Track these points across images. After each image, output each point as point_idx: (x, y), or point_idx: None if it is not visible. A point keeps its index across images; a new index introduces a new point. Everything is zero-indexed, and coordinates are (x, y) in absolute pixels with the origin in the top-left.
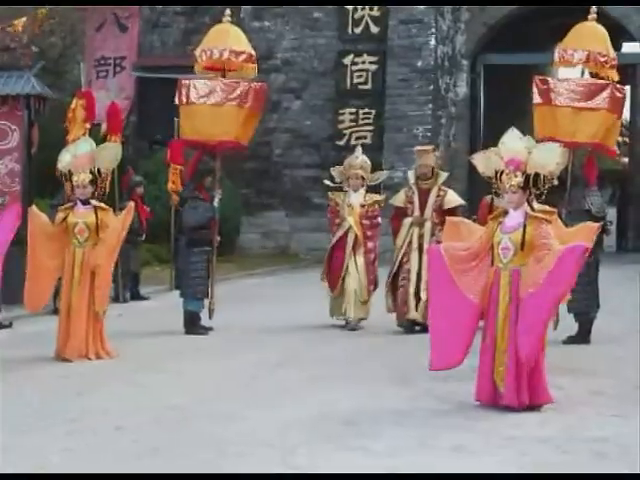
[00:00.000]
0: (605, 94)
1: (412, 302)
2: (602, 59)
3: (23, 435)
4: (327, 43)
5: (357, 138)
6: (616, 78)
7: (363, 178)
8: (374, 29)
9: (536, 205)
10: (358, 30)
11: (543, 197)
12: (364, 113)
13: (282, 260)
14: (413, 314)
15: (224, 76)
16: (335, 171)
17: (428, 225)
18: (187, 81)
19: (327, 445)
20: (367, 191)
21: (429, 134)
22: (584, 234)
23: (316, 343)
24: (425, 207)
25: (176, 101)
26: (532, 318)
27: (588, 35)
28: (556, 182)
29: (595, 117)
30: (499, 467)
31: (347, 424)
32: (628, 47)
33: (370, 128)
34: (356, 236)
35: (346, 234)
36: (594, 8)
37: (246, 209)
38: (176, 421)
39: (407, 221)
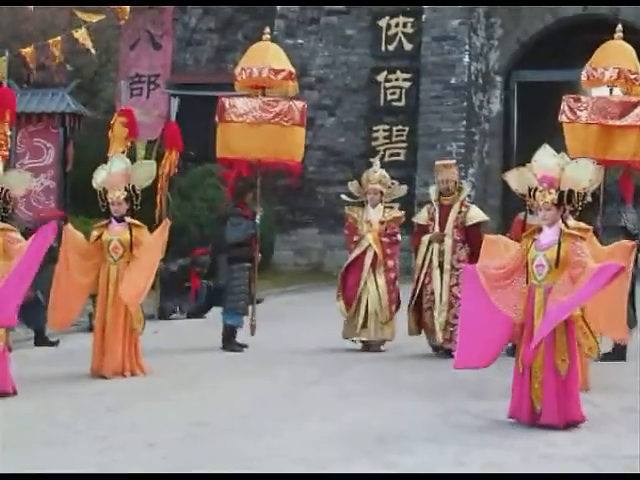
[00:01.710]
0: (638, 110)
1: (437, 326)
2: (632, 76)
3: (55, 451)
4: (360, 60)
5: (391, 155)
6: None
7: (382, 193)
8: (407, 46)
9: (571, 222)
10: (391, 47)
11: (577, 214)
12: (397, 130)
13: (315, 277)
14: (438, 338)
15: (264, 94)
16: (353, 186)
17: (449, 242)
18: (226, 99)
19: (359, 461)
20: (386, 207)
21: (462, 151)
22: (620, 253)
23: (347, 361)
24: (445, 223)
25: (216, 120)
26: (542, 326)
27: (616, 53)
28: (590, 199)
29: (628, 134)
30: None
31: (379, 440)
32: None
33: (403, 145)
34: (375, 254)
35: (365, 252)
36: (620, 26)
37: (279, 226)
38: (208, 437)
39: (425, 238)
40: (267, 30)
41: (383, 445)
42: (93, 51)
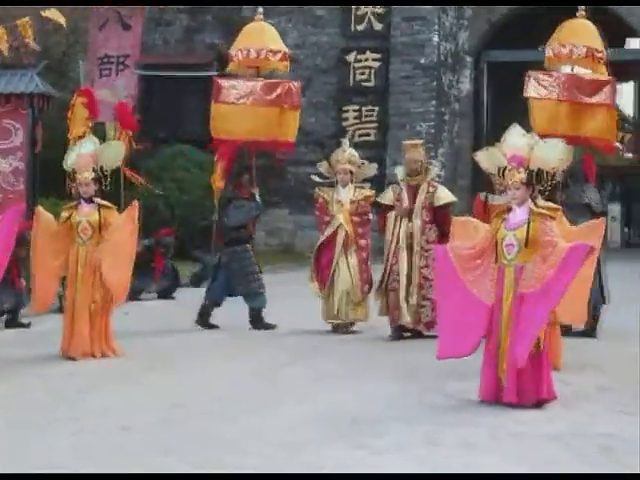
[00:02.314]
0: (607, 89)
1: (404, 306)
2: (599, 55)
3: (28, 433)
4: (330, 40)
5: (361, 135)
6: (606, 75)
7: (352, 173)
8: (377, 26)
9: (540, 201)
10: (361, 27)
11: (546, 193)
12: (367, 110)
13: (287, 258)
14: (405, 319)
15: (258, 75)
16: (322, 166)
17: (417, 223)
18: (224, 80)
19: (334, 443)
20: (356, 186)
21: (432, 131)
22: (590, 232)
23: (321, 342)
24: (414, 204)
25: (213, 101)
26: (528, 321)
27: (583, 31)
28: (559, 178)
29: (597, 113)
30: (506, 464)
31: (353, 422)
32: (633, 43)
33: (374, 125)
34: (347, 234)
35: (336, 232)
36: (583, 7)
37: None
38: (182, 420)
39: (392, 214)
40: (260, 10)
41: (357, 427)
42: (64, 25)
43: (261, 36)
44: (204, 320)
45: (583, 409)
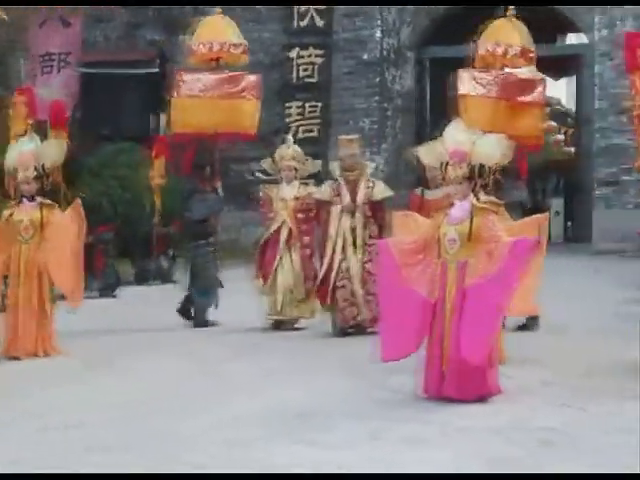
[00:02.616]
0: (539, 88)
1: (361, 302)
2: (531, 54)
3: None
4: (272, 37)
5: (304, 131)
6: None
7: (296, 169)
8: (319, 22)
9: (482, 196)
10: (303, 23)
11: (488, 188)
12: (311, 106)
13: (231, 254)
14: (365, 314)
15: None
16: (266, 163)
17: (360, 218)
18: (185, 73)
19: (283, 439)
20: (301, 183)
21: (375, 127)
22: (533, 226)
23: (265, 339)
24: (357, 199)
25: (174, 94)
26: (479, 319)
27: (515, 30)
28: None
29: (531, 111)
30: (452, 458)
31: (300, 417)
32: (573, 38)
33: (317, 121)
34: (290, 230)
35: (280, 229)
36: (512, 6)
37: None
38: (135, 418)
39: (335, 209)
40: (219, 10)
41: (306, 422)
42: (6, 18)
43: (224, 29)
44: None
45: (525, 403)
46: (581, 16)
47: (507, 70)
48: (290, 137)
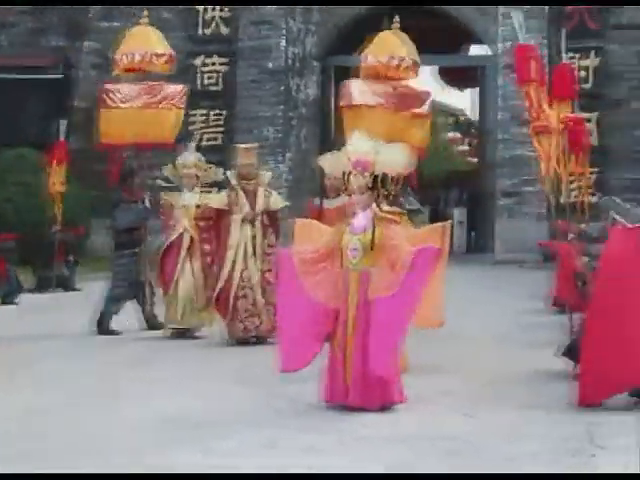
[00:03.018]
0: (429, 100)
1: (264, 311)
2: (417, 67)
3: None
4: (177, 44)
5: (208, 139)
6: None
7: (197, 177)
8: (224, 30)
9: (384, 206)
10: (208, 31)
11: (391, 198)
12: (215, 114)
13: None
14: (264, 325)
15: (144, 77)
16: (168, 170)
17: (259, 227)
18: (110, 85)
19: (177, 447)
20: (202, 191)
21: (280, 135)
22: (436, 235)
23: (165, 346)
24: (255, 208)
25: (100, 106)
26: (387, 330)
27: (402, 42)
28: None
29: (421, 122)
30: (351, 467)
31: (197, 426)
32: (475, 49)
33: (221, 129)
34: (191, 238)
35: (181, 237)
36: (397, 17)
37: (96, 211)
38: (25, 427)
39: (238, 217)
40: (145, 13)
41: (200, 430)
42: None
43: (147, 40)
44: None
45: (427, 412)
46: (484, 28)
47: (395, 83)
48: (192, 144)
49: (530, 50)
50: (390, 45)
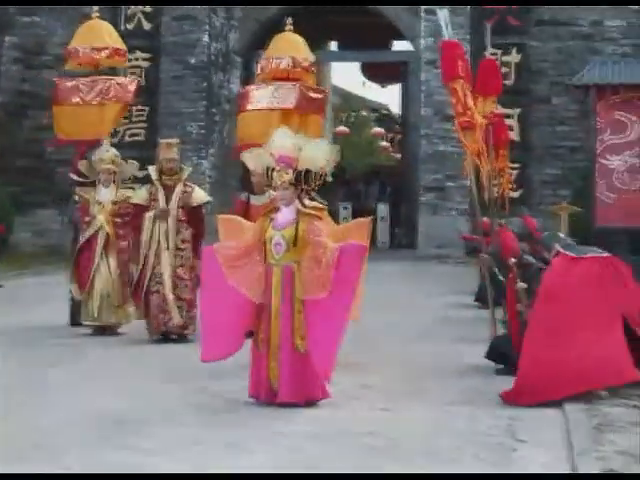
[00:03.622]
0: (297, 95)
1: (174, 308)
2: (306, 64)
3: None
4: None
5: (131, 135)
6: (312, 81)
7: (115, 173)
8: (147, 25)
9: (307, 202)
10: (130, 26)
11: (316, 193)
12: (137, 110)
13: (54, 259)
14: (177, 320)
15: (98, 73)
16: (83, 166)
17: (172, 222)
18: (63, 81)
19: (98, 445)
20: (118, 187)
21: (203, 131)
22: (358, 230)
23: (87, 343)
24: (170, 203)
25: (54, 102)
26: (327, 331)
27: (290, 43)
28: (330, 178)
29: (313, 120)
30: (271, 463)
31: (118, 422)
32: (399, 45)
33: (144, 125)
34: (107, 235)
35: (97, 233)
36: (289, 19)
37: (17, 207)
38: None
39: (149, 215)
40: (96, 8)
41: (122, 428)
42: None
43: (98, 34)
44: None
45: (350, 408)
46: (408, 24)
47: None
48: (108, 140)
49: (456, 47)
50: (280, 47)
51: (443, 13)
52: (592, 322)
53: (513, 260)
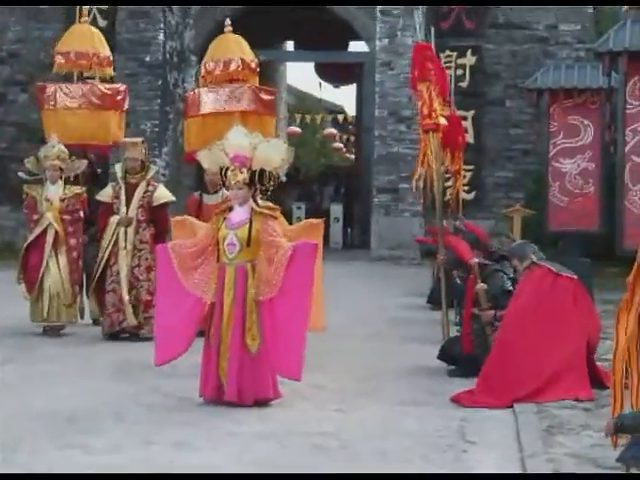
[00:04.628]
0: (251, 97)
1: (129, 308)
2: (253, 65)
3: None
4: (55, 35)
5: None
6: (256, 82)
7: (61, 169)
8: (102, 22)
9: (261, 201)
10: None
11: (269, 193)
12: None
13: (7, 256)
14: (131, 320)
15: (83, 77)
16: (30, 163)
17: (132, 222)
18: (49, 87)
19: (48, 442)
20: (66, 183)
21: (157, 129)
22: (311, 231)
23: (38, 341)
24: (131, 203)
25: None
26: (289, 331)
27: (237, 44)
28: (284, 178)
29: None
30: (221, 463)
31: (69, 421)
32: (355, 46)
33: None
34: (57, 233)
35: (45, 231)
36: (228, 20)
37: None
38: None
39: (114, 220)
40: (84, 12)
41: (72, 426)
42: None
43: (89, 39)
44: None
45: (300, 408)
46: (364, 25)
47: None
48: (54, 136)
49: (426, 49)
50: (219, 49)
51: (416, 14)
52: (562, 337)
53: (475, 260)
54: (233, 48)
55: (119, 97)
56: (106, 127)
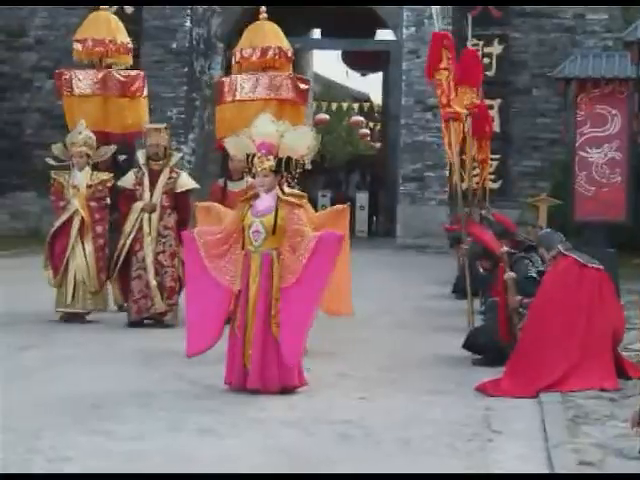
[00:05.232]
0: (289, 85)
1: (157, 294)
2: (289, 54)
3: None
4: (81, 22)
5: None
6: (290, 70)
7: (88, 155)
8: (129, 9)
9: (287, 189)
10: (112, 10)
11: (296, 181)
12: None
13: (32, 242)
14: (160, 306)
15: (102, 65)
16: (57, 149)
17: (157, 209)
18: (68, 73)
19: (72, 428)
20: (94, 169)
21: (183, 116)
22: (337, 219)
23: (64, 326)
24: (155, 189)
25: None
26: (296, 317)
27: (274, 33)
28: (309, 166)
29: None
30: (245, 450)
31: (94, 407)
32: (381, 34)
33: None
34: (83, 220)
35: (72, 218)
36: (264, 7)
37: None
38: None
39: (137, 206)
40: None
41: (99, 412)
42: None
43: (107, 27)
44: None
45: (325, 395)
46: (391, 13)
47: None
48: (82, 122)
49: (444, 38)
50: (255, 36)
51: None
52: (587, 328)
53: (504, 249)
54: (270, 36)
55: (136, 84)
56: (120, 114)
